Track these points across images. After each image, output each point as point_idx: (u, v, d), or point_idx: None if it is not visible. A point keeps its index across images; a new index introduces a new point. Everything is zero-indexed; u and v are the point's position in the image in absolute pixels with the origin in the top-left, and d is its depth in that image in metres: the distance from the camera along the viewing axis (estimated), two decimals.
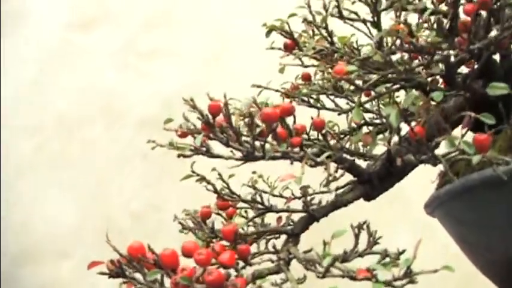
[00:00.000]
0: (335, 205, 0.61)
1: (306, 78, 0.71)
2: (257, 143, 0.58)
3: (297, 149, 0.56)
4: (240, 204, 0.67)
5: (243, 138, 0.59)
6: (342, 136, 0.73)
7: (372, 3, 0.58)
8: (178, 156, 0.57)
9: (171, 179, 0.64)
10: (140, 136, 1.46)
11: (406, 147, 0.55)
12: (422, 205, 0.71)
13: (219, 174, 0.65)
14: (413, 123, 0.53)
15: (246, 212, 0.68)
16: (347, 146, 0.69)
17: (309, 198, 0.65)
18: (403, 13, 0.63)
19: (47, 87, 1.58)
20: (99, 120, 1.55)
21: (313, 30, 0.68)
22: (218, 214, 0.67)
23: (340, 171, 0.62)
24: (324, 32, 0.65)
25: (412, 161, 0.57)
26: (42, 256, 1.45)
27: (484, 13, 0.58)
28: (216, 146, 0.60)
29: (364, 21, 0.61)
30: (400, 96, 0.74)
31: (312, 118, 0.70)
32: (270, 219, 0.70)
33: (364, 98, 0.67)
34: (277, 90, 0.67)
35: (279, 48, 0.68)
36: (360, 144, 0.71)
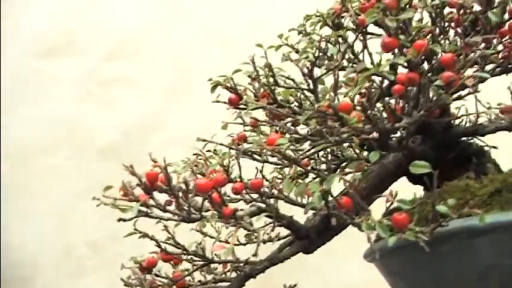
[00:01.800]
0: (271, 262, 0.63)
1: (254, 126, 0.72)
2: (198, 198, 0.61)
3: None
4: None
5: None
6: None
7: (308, 70, 0.60)
8: (119, 220, 0.59)
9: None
10: (102, 166, 1.49)
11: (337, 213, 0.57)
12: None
13: (165, 226, 0.67)
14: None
15: (191, 259, 0.70)
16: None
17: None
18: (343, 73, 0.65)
19: (9, 116, 1.59)
20: (62, 149, 1.57)
21: (258, 82, 0.69)
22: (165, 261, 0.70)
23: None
24: (267, 88, 0.66)
25: (345, 222, 0.60)
26: (6, 283, 1.49)
27: None
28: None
29: (301, 89, 0.62)
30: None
31: (256, 168, 0.72)
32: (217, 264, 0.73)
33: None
34: (221, 144, 0.68)
35: (224, 102, 0.69)
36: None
